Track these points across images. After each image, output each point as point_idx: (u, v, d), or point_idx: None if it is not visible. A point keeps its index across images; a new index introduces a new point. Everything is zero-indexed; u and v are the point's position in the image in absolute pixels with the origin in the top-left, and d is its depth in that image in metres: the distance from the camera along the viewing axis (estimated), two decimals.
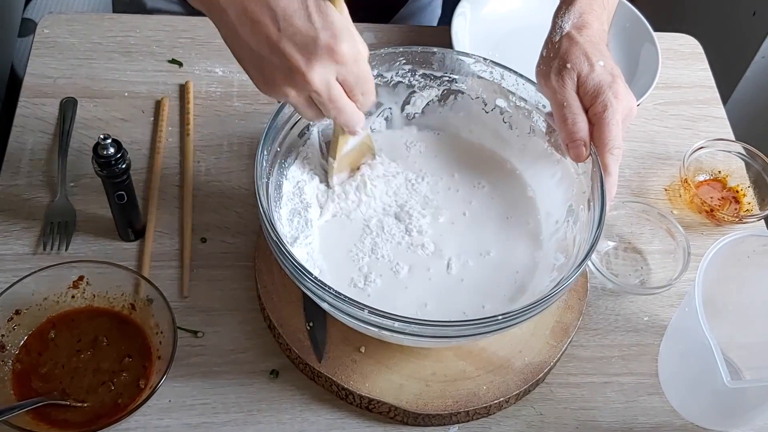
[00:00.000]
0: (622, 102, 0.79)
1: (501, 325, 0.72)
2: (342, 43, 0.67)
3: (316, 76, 0.67)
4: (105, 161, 0.82)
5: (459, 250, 0.85)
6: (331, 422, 0.82)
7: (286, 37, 0.66)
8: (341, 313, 0.73)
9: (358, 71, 0.70)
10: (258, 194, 0.75)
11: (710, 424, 0.86)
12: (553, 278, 0.82)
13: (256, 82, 0.71)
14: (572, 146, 0.80)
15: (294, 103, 0.71)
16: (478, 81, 0.89)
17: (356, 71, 0.70)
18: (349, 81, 0.70)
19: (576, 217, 0.84)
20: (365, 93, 0.72)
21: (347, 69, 0.69)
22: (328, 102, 0.70)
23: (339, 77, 0.69)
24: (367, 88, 0.72)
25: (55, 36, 1.09)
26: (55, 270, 0.82)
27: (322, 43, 0.66)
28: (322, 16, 0.67)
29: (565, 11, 0.84)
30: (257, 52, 0.68)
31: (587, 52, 0.80)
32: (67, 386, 0.79)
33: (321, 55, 0.67)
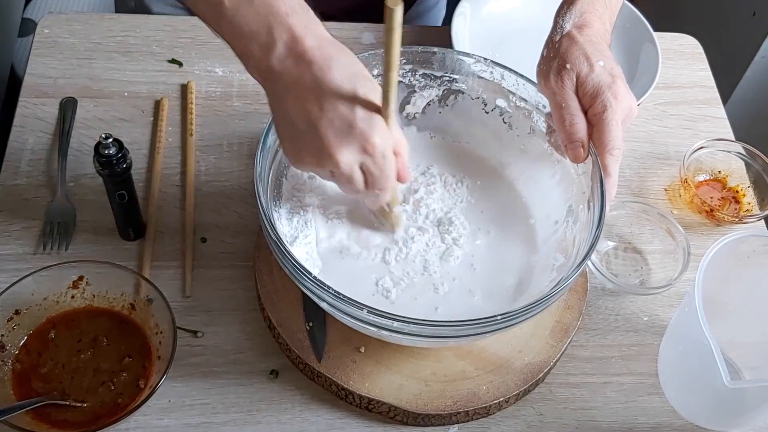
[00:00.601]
0: (621, 102, 0.79)
1: (500, 325, 0.72)
2: (375, 136, 0.70)
3: (343, 159, 0.69)
4: (106, 160, 0.82)
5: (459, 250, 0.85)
6: (330, 422, 0.82)
7: (326, 118, 0.68)
8: (340, 312, 0.73)
9: (383, 168, 0.72)
10: (258, 194, 0.75)
11: (710, 424, 0.86)
12: (553, 278, 0.82)
13: (287, 152, 0.74)
14: (571, 147, 0.80)
15: (317, 172, 0.74)
16: (479, 81, 0.89)
17: (381, 167, 0.72)
18: (373, 174, 0.72)
19: (576, 218, 0.84)
20: (382, 190, 0.74)
21: (373, 161, 0.71)
22: (347, 183, 0.72)
23: (363, 167, 0.71)
24: (386, 185, 0.74)
25: (55, 36, 1.09)
26: (54, 270, 0.82)
27: (357, 130, 0.69)
28: (366, 111, 0.69)
29: (567, 10, 0.84)
30: (295, 122, 0.70)
31: (587, 52, 0.80)
32: (67, 386, 0.79)
33: (353, 140, 0.69)
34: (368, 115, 0.69)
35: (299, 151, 0.72)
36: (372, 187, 0.73)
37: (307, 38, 0.69)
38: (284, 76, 0.69)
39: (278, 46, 0.69)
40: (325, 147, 0.69)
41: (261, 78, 0.72)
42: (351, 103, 0.68)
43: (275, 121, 0.74)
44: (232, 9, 0.69)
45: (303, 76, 0.68)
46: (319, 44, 0.69)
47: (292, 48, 0.69)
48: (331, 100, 0.68)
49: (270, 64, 0.69)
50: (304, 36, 0.69)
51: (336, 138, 0.69)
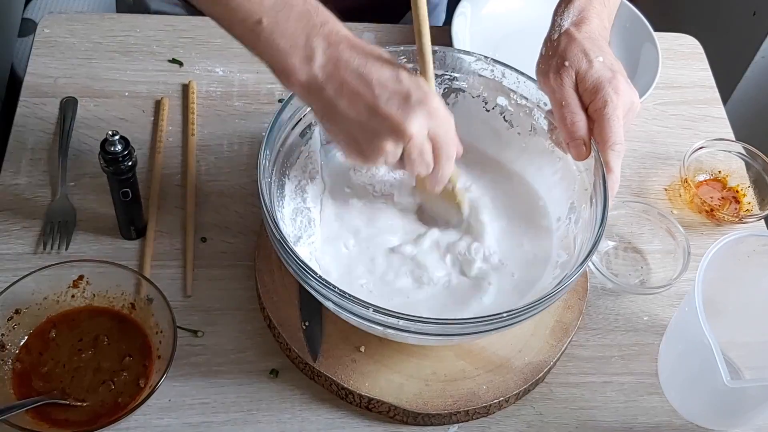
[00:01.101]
0: (622, 97, 0.79)
1: (505, 323, 0.73)
2: (434, 99, 0.72)
3: (414, 128, 0.71)
4: (112, 158, 0.82)
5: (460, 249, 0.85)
6: (330, 422, 0.82)
7: (383, 101, 0.71)
8: (345, 311, 0.73)
9: (448, 129, 0.74)
10: (261, 193, 0.75)
11: (710, 424, 0.86)
12: (556, 275, 0.82)
13: (353, 151, 0.74)
14: (573, 145, 0.80)
15: (390, 160, 0.74)
16: (479, 79, 0.90)
17: (446, 128, 0.74)
18: (440, 137, 0.74)
19: (578, 215, 0.84)
20: (449, 158, 0.75)
21: (438, 123, 0.73)
22: (419, 156, 0.73)
23: (431, 132, 0.73)
24: (452, 151, 0.76)
25: (56, 36, 1.09)
26: (55, 269, 0.82)
27: (415, 98, 0.71)
28: (412, 80, 0.72)
29: (565, 9, 0.84)
30: (357, 120, 0.71)
31: (585, 48, 0.80)
32: (68, 385, 0.79)
33: (415, 109, 0.71)
34: (416, 83, 0.72)
35: (372, 142, 0.72)
36: (440, 156, 0.74)
37: (341, 43, 0.72)
38: (329, 82, 0.71)
39: (317, 55, 0.71)
40: (395, 123, 0.70)
41: (305, 91, 0.73)
42: (396, 79, 0.71)
43: (330, 128, 0.75)
44: (270, 27, 0.71)
45: (346, 75, 0.71)
46: (352, 45, 0.72)
47: (330, 55, 0.71)
48: (378, 83, 0.71)
49: (312, 74, 0.71)
50: (338, 42, 0.72)
51: (400, 112, 0.70)
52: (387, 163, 0.74)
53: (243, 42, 0.74)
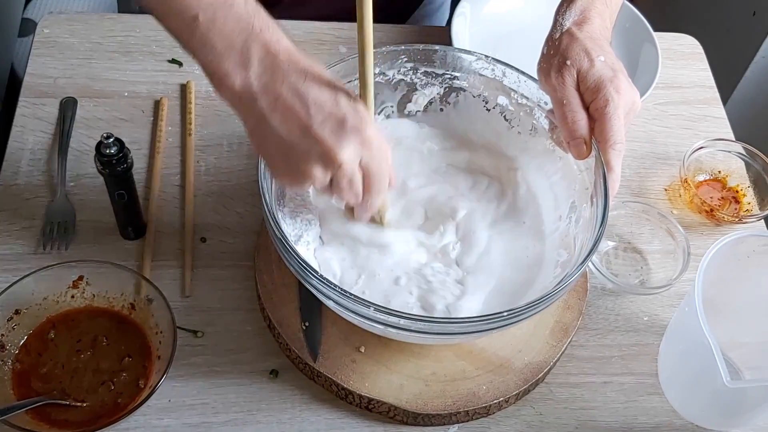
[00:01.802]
0: (623, 96, 0.79)
1: (506, 322, 0.73)
2: (369, 127, 0.70)
3: (345, 155, 0.68)
4: (107, 160, 0.82)
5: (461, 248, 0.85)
6: (330, 422, 0.82)
7: (317, 123, 0.68)
8: (346, 310, 0.73)
9: (381, 161, 0.72)
10: (262, 192, 0.75)
11: (710, 424, 0.86)
12: (557, 275, 0.82)
13: (280, 172, 0.73)
14: (573, 144, 0.80)
15: (318, 185, 0.72)
16: (480, 78, 0.90)
17: (379, 160, 0.71)
18: (372, 168, 0.71)
19: (579, 214, 0.84)
20: (380, 190, 0.74)
21: (371, 154, 0.70)
22: (347, 185, 0.71)
23: (363, 161, 0.71)
24: (384, 183, 0.73)
25: (55, 36, 1.09)
26: (54, 270, 0.82)
27: (350, 125, 0.68)
28: (351, 104, 0.69)
29: (567, 8, 0.84)
30: (287, 140, 0.69)
31: (587, 47, 0.80)
32: (67, 386, 0.79)
33: (349, 135, 0.68)
34: (354, 109, 0.69)
35: (298, 165, 0.70)
36: (370, 186, 0.72)
37: (280, 53, 0.69)
38: (263, 94, 0.69)
39: (253, 63, 0.68)
40: (326, 148, 0.68)
41: (236, 99, 0.70)
42: (335, 101, 0.68)
43: (258, 144, 0.72)
44: (206, 24, 0.68)
45: (282, 90, 0.68)
46: (292, 57, 0.69)
47: (267, 64, 0.68)
48: (315, 103, 0.68)
49: (247, 83, 0.69)
50: (278, 51, 0.69)
51: (332, 137, 0.68)
52: (315, 187, 0.72)
53: (177, 37, 0.71)
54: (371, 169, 0.71)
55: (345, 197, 0.73)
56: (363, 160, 0.71)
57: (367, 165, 0.71)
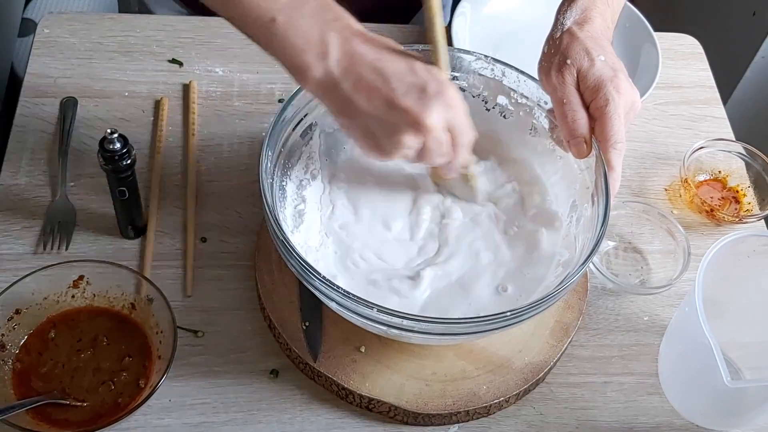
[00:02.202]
0: (624, 96, 0.79)
1: (508, 322, 0.73)
2: (449, 89, 0.73)
3: (433, 119, 0.71)
4: (111, 156, 0.82)
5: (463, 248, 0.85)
6: (331, 422, 0.82)
7: (400, 94, 0.70)
8: (349, 311, 0.73)
9: (464, 118, 0.74)
10: (263, 193, 0.75)
11: (710, 424, 0.86)
12: (558, 274, 0.82)
13: (371, 147, 0.74)
14: (573, 143, 0.80)
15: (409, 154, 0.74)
16: (479, 78, 0.90)
17: (462, 117, 0.74)
18: (456, 127, 0.74)
19: (579, 214, 0.84)
20: (467, 144, 0.76)
21: (455, 113, 0.73)
22: (438, 147, 0.73)
23: (448, 122, 0.73)
24: (470, 137, 0.76)
25: (56, 36, 1.09)
26: (55, 269, 0.82)
27: (432, 90, 0.71)
28: (427, 70, 0.73)
29: (568, 7, 0.84)
30: (374, 115, 0.71)
31: (587, 47, 0.80)
32: (67, 386, 0.79)
33: (433, 100, 0.71)
34: (431, 74, 0.72)
35: (391, 136, 0.72)
36: (457, 145, 0.75)
37: (354, 37, 0.72)
38: (345, 78, 0.71)
39: (332, 51, 0.71)
40: (414, 116, 0.70)
41: (320, 88, 0.73)
42: (412, 71, 0.71)
43: (347, 126, 0.75)
44: (284, 24, 0.71)
45: (362, 70, 0.71)
46: (364, 39, 0.72)
47: (344, 50, 0.71)
48: (395, 76, 0.71)
49: (328, 69, 0.71)
50: (352, 36, 0.72)
51: (418, 104, 0.70)
52: (406, 156, 0.74)
53: (257, 41, 0.74)
54: (456, 127, 0.74)
55: (435, 160, 0.75)
56: (448, 121, 0.73)
57: (452, 124, 0.73)
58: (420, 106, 0.70)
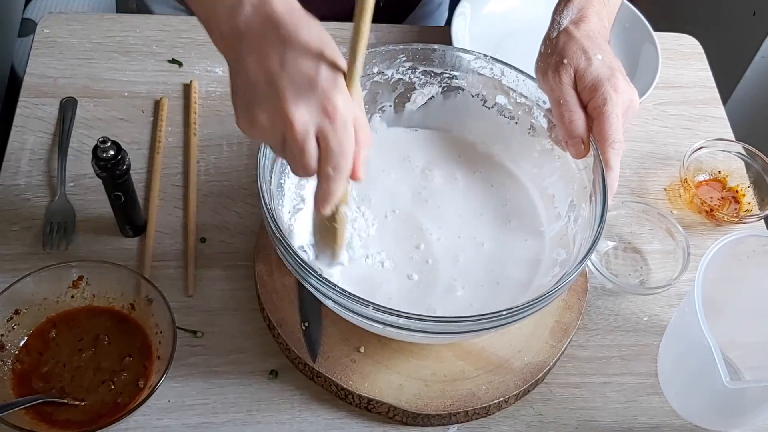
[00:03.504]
0: (621, 95, 0.79)
1: (505, 321, 0.73)
2: (338, 98, 0.64)
3: (298, 115, 0.64)
4: (104, 163, 0.82)
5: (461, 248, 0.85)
6: (330, 422, 0.82)
7: (286, 73, 0.64)
8: (345, 310, 0.73)
9: (342, 140, 0.65)
10: (261, 192, 0.75)
11: (710, 425, 0.86)
12: (555, 273, 0.82)
13: (239, 115, 0.68)
14: (571, 143, 0.80)
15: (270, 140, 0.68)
16: (478, 78, 0.90)
17: (340, 138, 0.65)
18: (329, 142, 0.65)
19: (577, 213, 0.84)
20: (337, 169, 0.66)
21: (332, 127, 0.64)
22: (300, 153, 0.65)
23: (320, 134, 0.65)
24: (342, 164, 0.66)
25: (55, 36, 1.09)
26: (55, 270, 0.82)
27: (319, 87, 0.64)
28: (331, 71, 0.65)
29: (564, 7, 0.84)
30: (252, 83, 0.65)
31: (584, 46, 0.80)
32: (67, 385, 0.79)
33: (312, 99, 0.64)
34: (333, 75, 0.64)
35: (253, 111, 0.65)
36: (326, 162, 0.65)
37: (275, 2, 0.65)
38: (248, 35, 0.65)
39: (245, 6, 0.65)
40: (281, 102, 0.63)
41: (224, 43, 0.68)
42: (316, 61, 0.64)
43: (232, 88, 0.68)
44: None
45: (268, 34, 0.65)
46: (289, 9, 0.66)
47: (260, 8, 0.65)
48: (294, 55, 0.64)
49: (235, 24, 0.66)
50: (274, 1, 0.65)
51: (294, 94, 0.63)
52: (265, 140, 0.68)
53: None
54: (329, 143, 0.64)
55: (295, 165, 0.67)
56: (321, 130, 0.65)
57: (325, 137, 0.64)
58: (293, 95, 0.63)
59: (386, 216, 0.87)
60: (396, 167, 0.91)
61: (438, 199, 0.89)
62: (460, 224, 0.87)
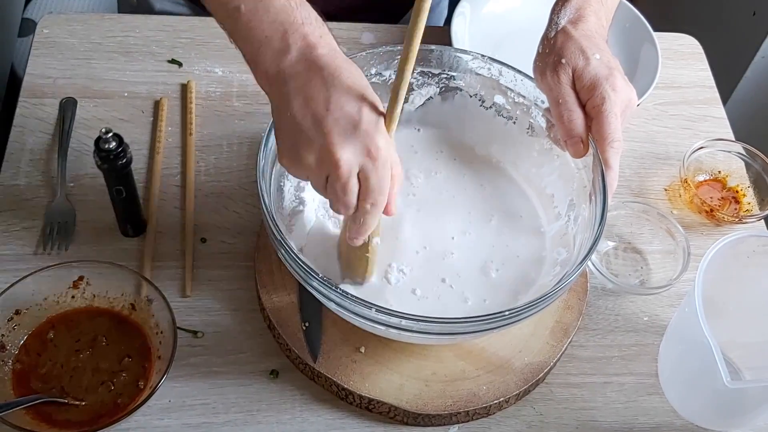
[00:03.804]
0: (620, 94, 0.79)
1: (506, 321, 0.73)
2: (380, 138, 0.68)
3: (344, 155, 0.67)
4: (106, 155, 0.82)
5: (460, 248, 0.85)
6: (330, 422, 0.82)
7: (332, 117, 0.67)
8: (347, 312, 0.73)
9: (382, 177, 0.69)
10: (261, 194, 0.75)
11: (710, 424, 0.86)
12: (556, 273, 0.82)
13: (284, 154, 0.72)
14: (570, 143, 0.80)
15: (313, 178, 0.71)
16: (476, 78, 0.90)
17: (381, 175, 0.69)
18: (370, 180, 0.69)
19: (577, 213, 0.84)
20: (375, 205, 0.70)
21: (374, 166, 0.68)
22: (342, 192, 0.69)
23: (362, 173, 0.68)
24: (380, 200, 0.70)
25: (55, 36, 1.09)
26: (55, 270, 0.82)
27: (362, 129, 0.67)
28: (373, 115, 0.68)
29: (562, 6, 0.84)
30: (299, 124, 0.68)
31: (582, 46, 0.80)
32: (67, 386, 0.79)
33: (356, 140, 0.67)
34: (375, 117, 0.69)
35: (299, 151, 0.69)
36: (364, 201, 0.70)
37: (320, 46, 0.70)
38: (294, 78, 0.69)
39: (292, 51, 0.69)
40: (327, 144, 0.67)
41: (269, 83, 0.71)
42: (358, 105, 0.68)
43: (276, 126, 0.72)
44: (248, 14, 0.70)
45: (313, 78, 0.68)
46: (331, 53, 0.70)
47: (305, 54, 0.69)
48: (338, 99, 0.68)
49: (281, 68, 0.69)
50: (317, 44, 0.70)
51: (340, 136, 0.67)
52: (311, 181, 0.71)
53: (223, 27, 0.73)
54: (370, 181, 0.69)
55: (336, 203, 0.70)
56: (364, 170, 0.68)
57: (367, 176, 0.69)
58: (340, 137, 0.67)
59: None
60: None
61: (436, 200, 0.89)
62: (459, 224, 0.87)
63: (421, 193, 0.89)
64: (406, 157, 0.92)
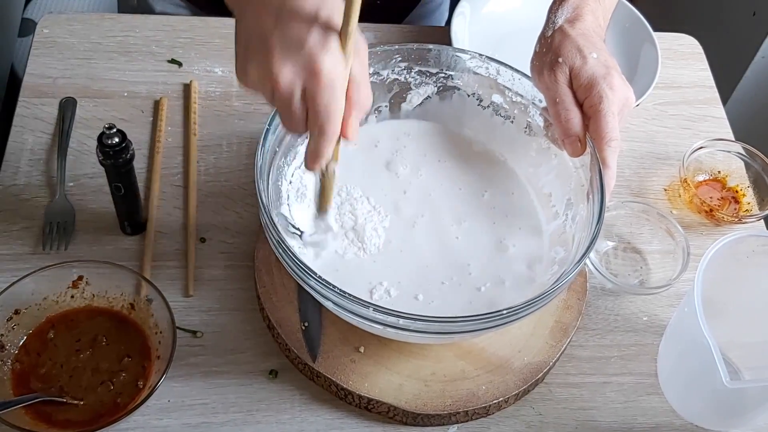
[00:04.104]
0: (617, 93, 0.79)
1: (505, 320, 0.73)
2: (326, 59, 0.65)
3: (283, 74, 0.65)
4: (109, 151, 0.82)
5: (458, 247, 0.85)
6: (330, 422, 0.82)
7: (278, 31, 0.65)
8: (345, 311, 0.73)
9: (328, 101, 0.65)
10: (259, 193, 0.75)
11: (709, 424, 0.86)
12: (555, 272, 0.82)
13: (236, 64, 0.70)
14: (568, 142, 0.80)
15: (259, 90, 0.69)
16: (474, 77, 0.90)
17: (326, 100, 0.65)
18: (315, 103, 0.65)
19: (575, 212, 0.84)
20: (323, 130, 0.67)
21: (318, 88, 0.65)
22: (286, 111, 0.67)
23: (307, 92, 0.66)
24: (328, 126, 0.66)
25: (55, 36, 1.09)
26: (54, 270, 0.82)
27: (306, 49, 0.65)
28: (323, 34, 0.65)
29: (559, 6, 0.84)
30: (249, 35, 0.67)
31: (579, 45, 0.80)
32: (66, 385, 0.79)
33: (295, 57, 0.65)
34: (323, 37, 0.65)
35: (246, 64, 0.67)
36: (313, 123, 0.66)
37: None
38: None
39: None
40: (269, 59, 0.65)
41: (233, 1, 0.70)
42: (308, 23, 0.65)
43: (235, 36, 0.70)
44: None
45: None
46: None
47: None
48: (288, 15, 0.65)
49: None
50: None
51: (282, 52, 0.65)
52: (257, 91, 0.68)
53: None
54: (316, 103, 0.65)
55: (282, 121, 0.69)
56: (308, 90, 0.65)
57: (312, 97, 0.65)
58: (281, 53, 0.64)
59: (386, 215, 0.87)
60: (393, 169, 0.91)
61: (434, 198, 0.89)
62: (457, 223, 0.87)
63: (417, 192, 0.89)
64: (400, 155, 0.92)
